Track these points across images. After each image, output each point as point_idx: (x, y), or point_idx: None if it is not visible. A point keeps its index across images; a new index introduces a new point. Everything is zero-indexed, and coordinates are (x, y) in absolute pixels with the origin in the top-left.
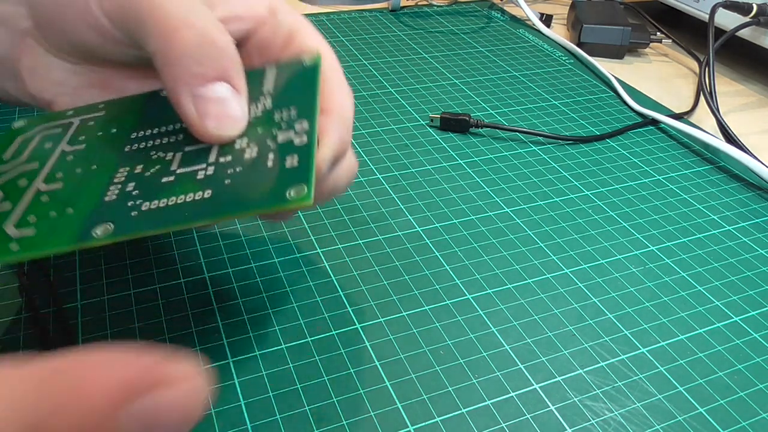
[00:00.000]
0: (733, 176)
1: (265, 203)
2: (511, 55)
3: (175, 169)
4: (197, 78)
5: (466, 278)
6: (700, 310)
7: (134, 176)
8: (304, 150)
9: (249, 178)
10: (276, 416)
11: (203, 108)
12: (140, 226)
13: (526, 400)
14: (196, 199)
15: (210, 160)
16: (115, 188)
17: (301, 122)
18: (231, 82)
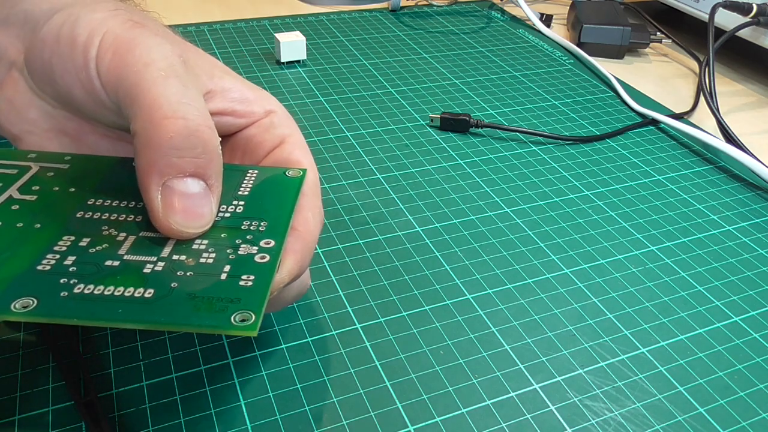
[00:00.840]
0: (733, 176)
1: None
2: (511, 55)
3: (122, 254)
4: (173, 168)
5: (466, 278)
6: (700, 310)
7: (77, 249)
8: (263, 272)
9: (197, 286)
10: (276, 416)
11: (170, 200)
12: (64, 312)
13: (526, 400)
14: (135, 296)
15: (162, 255)
16: (52, 257)
17: (268, 241)
18: (207, 181)
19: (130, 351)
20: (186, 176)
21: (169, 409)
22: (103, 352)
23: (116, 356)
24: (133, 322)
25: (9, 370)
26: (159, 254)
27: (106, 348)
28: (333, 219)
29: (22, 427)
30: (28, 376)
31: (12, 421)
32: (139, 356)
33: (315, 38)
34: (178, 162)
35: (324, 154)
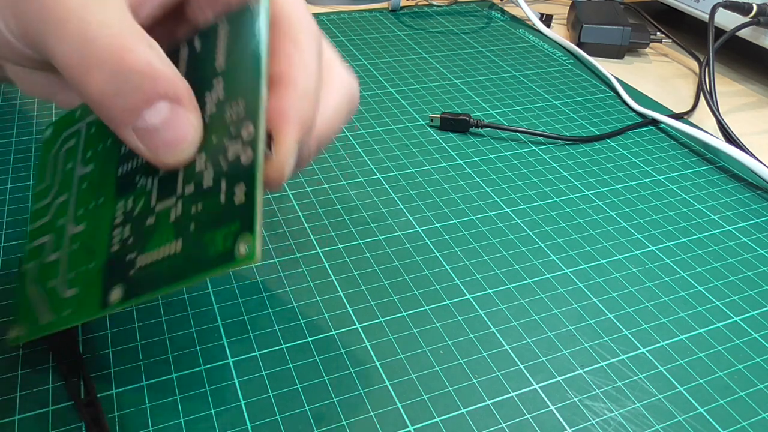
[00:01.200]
0: (733, 176)
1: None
2: (511, 55)
3: (154, 206)
4: (129, 113)
5: (466, 278)
6: (700, 310)
7: (127, 216)
8: (249, 177)
9: (208, 222)
10: (276, 416)
11: (149, 140)
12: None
13: (526, 400)
14: (171, 254)
15: (178, 192)
16: (117, 234)
17: (247, 126)
18: (167, 98)
19: (130, 351)
20: (144, 110)
21: (169, 409)
22: (103, 352)
23: (116, 356)
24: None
25: (9, 370)
26: (176, 192)
27: (106, 348)
28: (333, 219)
29: (22, 427)
30: (27, 376)
31: (12, 421)
32: (139, 356)
33: None
34: (126, 105)
35: (324, 154)
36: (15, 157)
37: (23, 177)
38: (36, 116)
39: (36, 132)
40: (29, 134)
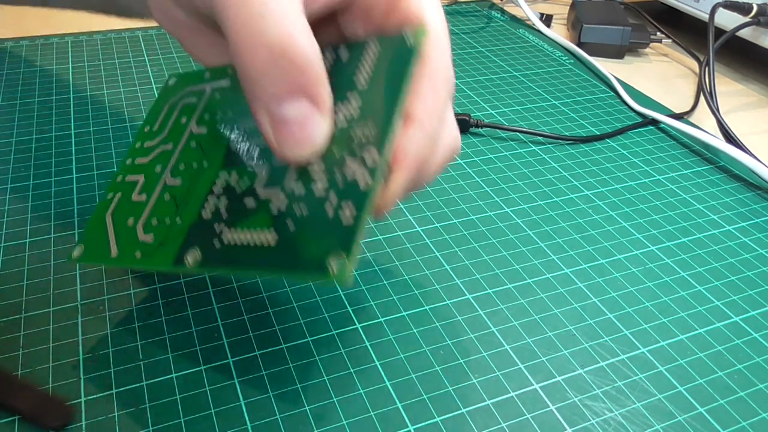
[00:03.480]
0: (733, 176)
1: (308, 274)
2: (511, 55)
3: (258, 190)
4: (273, 98)
5: (466, 278)
6: (700, 310)
7: (228, 189)
8: (361, 200)
9: (308, 228)
10: (276, 416)
11: (279, 130)
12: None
13: (526, 400)
14: (262, 244)
15: (286, 187)
16: (212, 201)
17: (372, 151)
18: (310, 98)
19: (130, 351)
20: (288, 101)
21: (169, 409)
22: (103, 352)
23: (116, 356)
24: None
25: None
26: (283, 185)
27: (106, 348)
28: None
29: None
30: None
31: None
32: (139, 356)
33: None
34: (275, 90)
35: None
36: (15, 157)
37: (23, 177)
38: (36, 116)
39: (36, 132)
40: (29, 134)
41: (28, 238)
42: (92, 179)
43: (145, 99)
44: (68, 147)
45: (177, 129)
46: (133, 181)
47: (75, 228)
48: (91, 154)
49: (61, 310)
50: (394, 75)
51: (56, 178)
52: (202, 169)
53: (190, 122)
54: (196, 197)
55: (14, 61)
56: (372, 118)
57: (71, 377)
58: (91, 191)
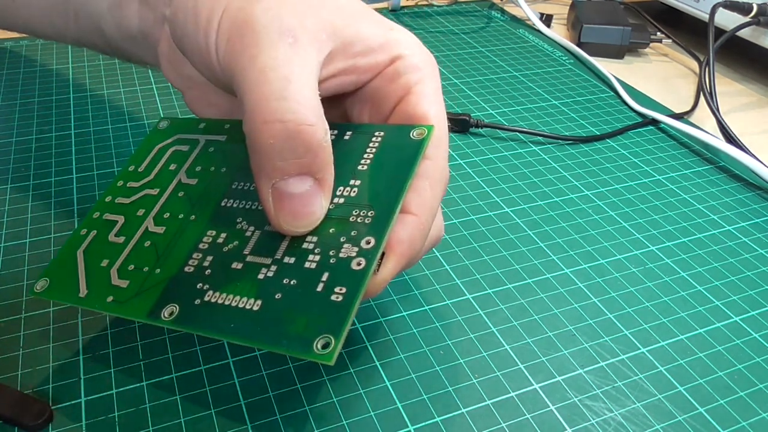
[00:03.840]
0: (733, 176)
1: (292, 349)
2: (511, 55)
3: (246, 254)
4: (278, 171)
5: (466, 278)
6: (700, 310)
7: (215, 247)
8: (354, 283)
9: (296, 300)
10: (276, 416)
11: (279, 202)
12: (195, 323)
13: (526, 400)
14: (246, 308)
15: (276, 256)
16: (197, 257)
17: (369, 239)
18: (314, 176)
19: (130, 351)
20: (291, 177)
21: (169, 409)
22: (103, 352)
23: (116, 356)
24: (240, 339)
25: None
26: (274, 255)
27: (106, 348)
28: None
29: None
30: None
31: None
32: (139, 356)
33: None
34: (282, 165)
35: None
36: (15, 157)
37: (23, 177)
38: (36, 116)
39: (36, 132)
40: (29, 134)
41: (28, 238)
42: (92, 179)
43: (145, 99)
44: (68, 147)
45: (165, 175)
46: (111, 221)
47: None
48: (91, 154)
49: (61, 310)
50: (398, 168)
51: (56, 178)
52: (189, 221)
53: (179, 171)
54: (180, 250)
55: (14, 61)
56: (373, 207)
57: (71, 377)
58: (91, 191)
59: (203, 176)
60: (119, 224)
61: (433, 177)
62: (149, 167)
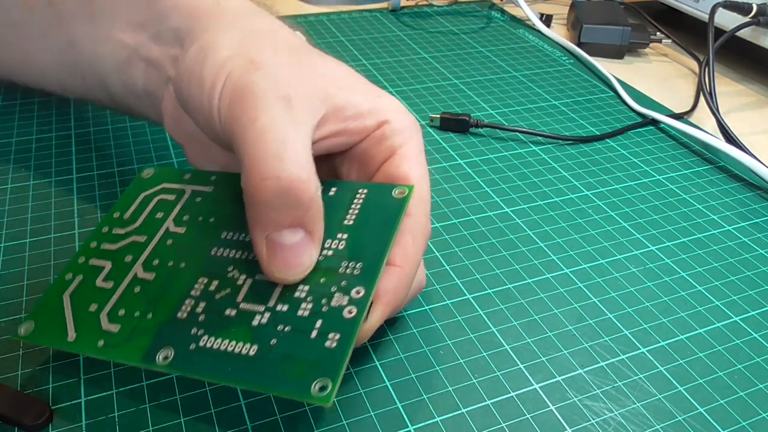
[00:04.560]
0: (733, 176)
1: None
2: (511, 55)
3: (239, 302)
4: (272, 223)
5: (466, 278)
6: (700, 310)
7: (207, 294)
8: (347, 330)
9: (291, 346)
10: (276, 416)
11: (272, 252)
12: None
13: (526, 400)
14: (242, 353)
15: (269, 304)
16: (189, 303)
17: (358, 289)
18: (305, 229)
19: None
20: (284, 229)
21: (169, 409)
22: None
23: None
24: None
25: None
26: (267, 303)
27: None
28: None
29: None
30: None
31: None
32: None
33: (315, 38)
34: (276, 217)
35: None
36: (15, 157)
37: (23, 177)
38: (36, 116)
39: (36, 132)
40: (29, 134)
41: (28, 238)
42: (92, 179)
43: None
44: (68, 147)
45: (152, 223)
46: (98, 266)
47: (75, 228)
48: (91, 154)
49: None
50: (383, 224)
51: (56, 178)
52: (179, 269)
53: (167, 219)
54: (172, 296)
55: None
56: (361, 259)
57: (71, 377)
58: (91, 191)
59: (191, 225)
60: (106, 269)
61: (416, 232)
62: (135, 214)
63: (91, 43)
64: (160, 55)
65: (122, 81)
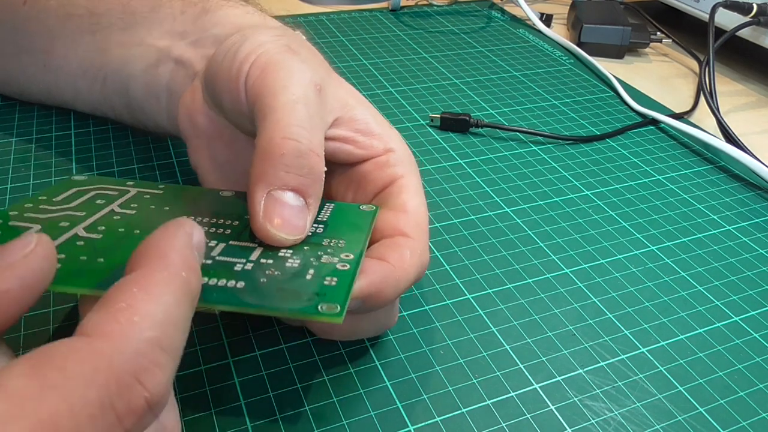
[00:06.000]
0: (733, 176)
1: (295, 309)
2: (511, 55)
3: (214, 255)
4: (279, 180)
5: (466, 278)
6: (700, 310)
7: None
8: (345, 276)
9: (286, 283)
10: (276, 416)
11: (271, 207)
12: None
13: (526, 400)
14: (228, 286)
15: (251, 258)
16: None
17: (347, 254)
18: (306, 199)
19: None
20: (289, 189)
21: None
22: None
23: None
24: (230, 304)
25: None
26: (248, 258)
27: None
28: None
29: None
30: None
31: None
32: None
33: (315, 38)
34: (285, 176)
35: None
36: (15, 157)
37: (23, 177)
38: (36, 116)
39: (36, 132)
40: (29, 134)
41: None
42: None
43: None
44: (68, 147)
45: (91, 205)
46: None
47: None
48: (91, 154)
49: (61, 310)
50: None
51: (56, 178)
52: (132, 234)
53: (112, 203)
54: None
55: None
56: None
57: None
58: None
59: (141, 209)
60: (34, 229)
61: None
62: (68, 199)
63: (122, 48)
64: (193, 56)
65: (146, 82)
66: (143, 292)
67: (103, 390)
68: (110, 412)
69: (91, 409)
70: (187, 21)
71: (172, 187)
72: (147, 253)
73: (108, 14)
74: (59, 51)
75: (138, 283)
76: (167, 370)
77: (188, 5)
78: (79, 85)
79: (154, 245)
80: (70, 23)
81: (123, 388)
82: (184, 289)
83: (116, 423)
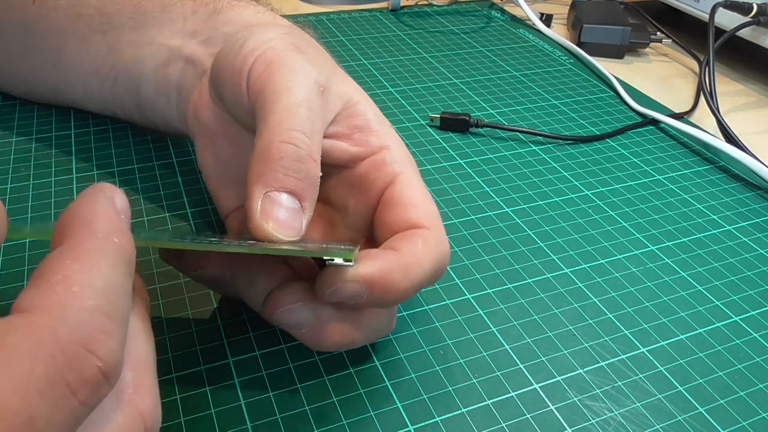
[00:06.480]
0: (733, 176)
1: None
2: (511, 55)
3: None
4: (276, 182)
5: (466, 278)
6: (700, 310)
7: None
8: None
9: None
10: (276, 416)
11: (268, 207)
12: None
13: (526, 400)
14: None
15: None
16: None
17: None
18: (302, 203)
19: None
20: (285, 191)
21: (169, 409)
22: None
23: None
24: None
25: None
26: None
27: None
28: None
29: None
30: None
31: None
32: None
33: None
34: (282, 178)
35: None
36: (15, 157)
37: (23, 177)
38: (36, 116)
39: (36, 132)
40: (29, 134)
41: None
42: (92, 179)
43: None
44: (68, 147)
45: None
46: None
47: None
48: (91, 154)
49: None
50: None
51: (56, 178)
52: None
53: None
54: None
55: None
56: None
57: None
58: None
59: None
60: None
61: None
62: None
63: (133, 47)
64: (203, 54)
65: (156, 80)
66: (77, 262)
67: (50, 364)
68: (61, 385)
69: (39, 384)
70: (198, 20)
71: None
72: (72, 222)
73: (118, 14)
74: (70, 50)
75: (69, 254)
76: (116, 336)
77: (199, 5)
78: (89, 84)
79: (77, 214)
80: (81, 23)
81: (72, 359)
82: (118, 254)
83: (69, 395)
